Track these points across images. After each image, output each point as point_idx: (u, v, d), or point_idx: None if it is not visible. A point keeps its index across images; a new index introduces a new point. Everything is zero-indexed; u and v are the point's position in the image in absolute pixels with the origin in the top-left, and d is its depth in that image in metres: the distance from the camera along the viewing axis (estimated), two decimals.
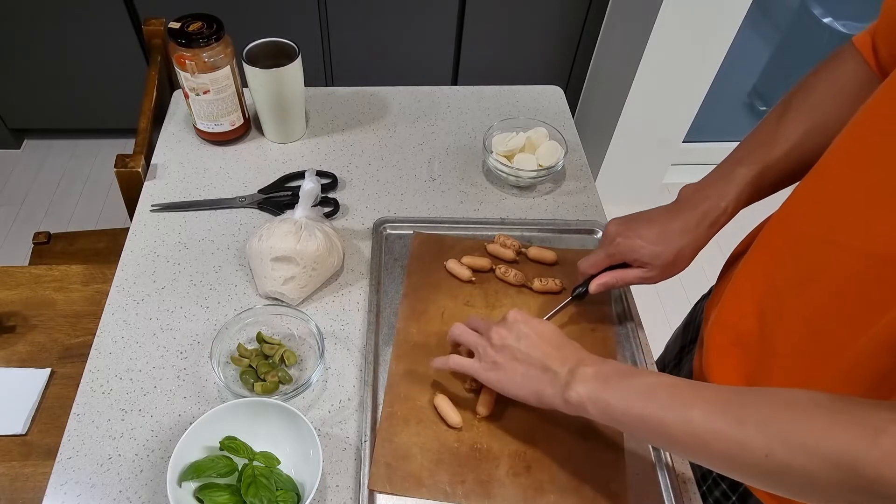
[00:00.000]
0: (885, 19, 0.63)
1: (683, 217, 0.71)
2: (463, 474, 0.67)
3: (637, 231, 0.72)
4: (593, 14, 1.98)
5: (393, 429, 0.70)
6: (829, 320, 0.56)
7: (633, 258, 0.72)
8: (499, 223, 0.92)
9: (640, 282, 0.74)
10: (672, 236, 0.70)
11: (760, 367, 0.64)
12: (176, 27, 0.91)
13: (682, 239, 0.70)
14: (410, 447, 0.69)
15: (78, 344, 1.02)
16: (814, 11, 2.04)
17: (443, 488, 0.66)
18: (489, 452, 0.69)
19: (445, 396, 0.72)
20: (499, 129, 1.00)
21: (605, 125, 2.05)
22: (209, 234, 0.90)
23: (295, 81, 0.97)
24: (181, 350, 0.78)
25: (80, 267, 1.13)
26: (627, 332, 0.81)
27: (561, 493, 0.66)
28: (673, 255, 0.70)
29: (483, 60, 2.09)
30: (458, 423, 0.70)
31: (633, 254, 0.72)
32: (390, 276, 0.85)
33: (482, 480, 0.67)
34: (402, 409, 0.72)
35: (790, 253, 0.61)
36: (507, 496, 0.66)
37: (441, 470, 0.67)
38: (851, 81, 0.67)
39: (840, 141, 0.58)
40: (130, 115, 1.17)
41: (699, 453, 0.51)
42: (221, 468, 0.64)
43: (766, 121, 0.73)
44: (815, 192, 0.60)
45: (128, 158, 0.95)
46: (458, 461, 0.68)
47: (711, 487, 0.73)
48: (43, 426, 0.94)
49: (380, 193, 0.97)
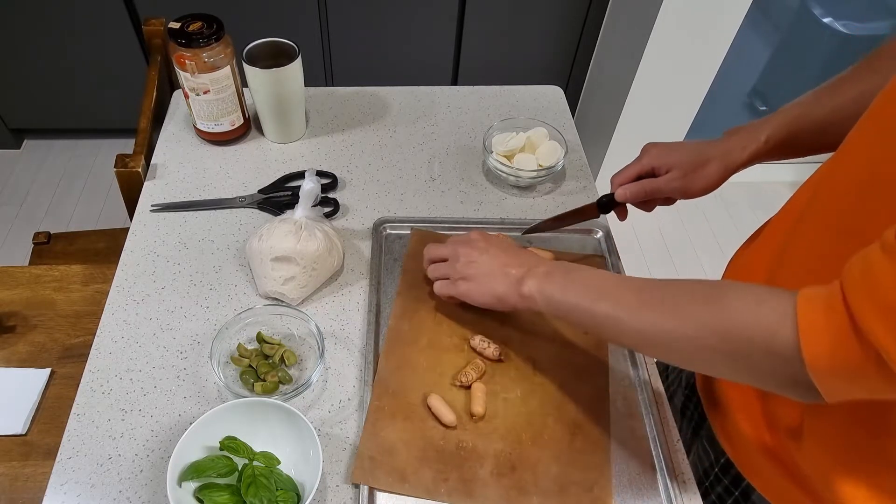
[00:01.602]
0: None
1: (719, 141, 0.73)
2: (447, 472, 0.67)
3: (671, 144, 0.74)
4: (593, 14, 1.98)
5: (379, 423, 0.70)
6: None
7: (660, 163, 0.74)
8: (499, 223, 0.92)
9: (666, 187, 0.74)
10: (703, 150, 0.72)
11: None
12: (176, 27, 0.91)
13: (713, 154, 0.71)
14: (395, 442, 0.69)
15: (78, 344, 1.02)
16: (814, 11, 2.04)
17: (426, 485, 0.66)
18: (474, 451, 0.69)
19: (438, 395, 0.72)
20: (499, 129, 1.00)
21: (605, 125, 2.05)
22: (209, 234, 0.90)
23: (295, 81, 0.97)
24: (181, 350, 0.78)
25: (80, 267, 1.13)
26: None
27: (544, 495, 0.66)
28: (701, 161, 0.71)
29: (483, 60, 2.09)
30: (452, 421, 0.70)
31: (660, 158, 0.73)
32: (390, 276, 0.85)
33: (466, 479, 0.67)
34: (390, 405, 0.72)
35: (805, 245, 0.59)
36: (490, 496, 0.65)
37: (425, 467, 0.67)
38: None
39: (858, 132, 0.56)
40: (130, 115, 1.17)
41: (618, 335, 0.60)
42: (221, 468, 0.64)
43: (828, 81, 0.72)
44: (831, 183, 0.58)
45: (128, 158, 0.95)
46: (443, 459, 0.68)
47: (714, 483, 0.73)
48: (43, 426, 0.94)
49: (380, 193, 0.97)
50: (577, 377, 0.75)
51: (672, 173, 0.73)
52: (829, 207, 0.57)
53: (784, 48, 2.14)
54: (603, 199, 0.78)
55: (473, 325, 0.79)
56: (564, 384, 0.74)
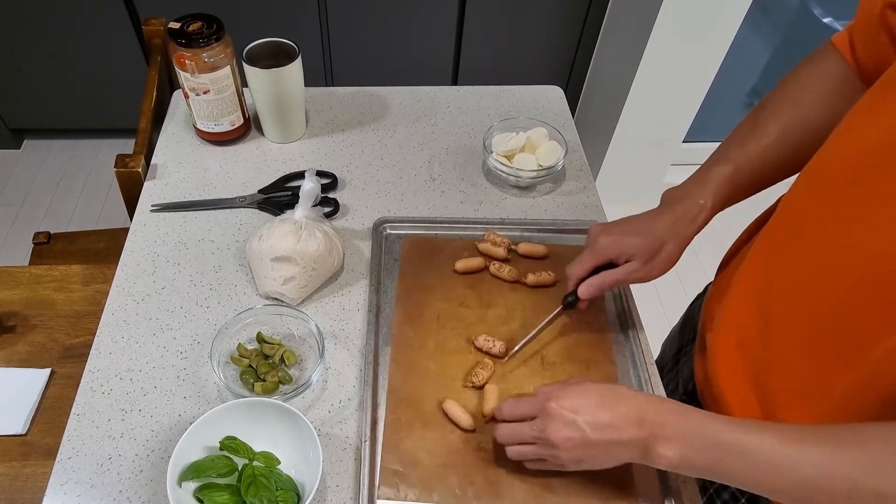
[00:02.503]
0: (861, 19, 0.64)
1: (665, 214, 0.71)
2: (472, 476, 0.67)
3: (619, 229, 0.72)
4: (593, 14, 1.98)
5: (397, 435, 0.70)
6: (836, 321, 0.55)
7: (617, 253, 0.72)
8: (498, 223, 0.92)
9: (627, 279, 0.73)
10: (655, 230, 0.70)
11: (767, 367, 0.64)
12: (176, 27, 0.91)
13: (665, 234, 0.70)
14: (417, 452, 0.69)
15: (78, 344, 1.02)
16: (814, 11, 2.04)
17: (453, 491, 0.66)
18: (496, 452, 0.69)
19: (454, 400, 0.72)
20: (499, 129, 1.00)
21: (605, 125, 2.05)
22: (209, 234, 0.90)
23: (295, 81, 0.97)
24: (181, 350, 0.78)
25: (80, 267, 1.13)
26: (627, 335, 0.81)
27: (569, 489, 0.66)
28: (657, 246, 0.70)
29: (483, 60, 2.08)
30: (470, 425, 0.70)
31: (617, 247, 0.71)
32: (390, 276, 0.85)
33: (491, 481, 0.67)
34: (406, 415, 0.72)
35: (790, 254, 0.61)
36: (517, 495, 0.66)
37: (450, 473, 0.67)
38: (831, 77, 0.67)
39: (836, 140, 0.58)
40: (130, 115, 1.17)
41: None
42: (221, 468, 0.64)
43: (744, 120, 0.73)
44: (812, 192, 0.60)
45: (128, 158, 0.95)
46: (466, 463, 0.68)
47: (720, 489, 0.73)
48: (43, 426, 0.94)
49: (380, 193, 0.97)
50: (585, 369, 0.77)
51: (632, 264, 0.71)
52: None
53: (784, 48, 2.14)
54: (568, 297, 0.76)
55: (476, 325, 0.80)
56: (574, 377, 0.74)
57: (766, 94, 0.72)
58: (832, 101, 0.66)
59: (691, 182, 0.72)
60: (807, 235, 0.59)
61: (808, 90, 0.69)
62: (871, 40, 0.62)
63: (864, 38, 0.64)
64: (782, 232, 0.64)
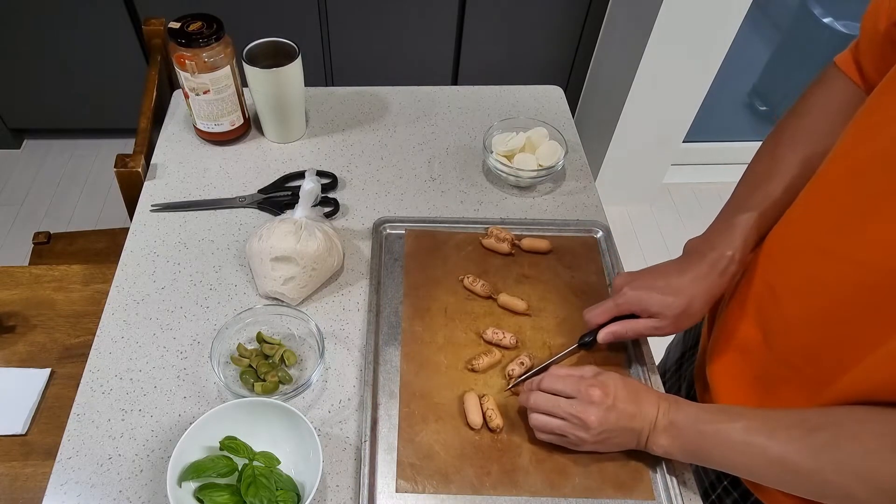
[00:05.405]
0: (865, 36, 0.63)
1: (692, 268, 0.69)
2: (488, 466, 0.68)
3: (645, 282, 0.70)
4: (593, 14, 1.98)
5: (412, 428, 0.71)
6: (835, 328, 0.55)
7: (641, 308, 0.70)
8: (499, 223, 0.92)
9: (651, 333, 0.71)
10: (682, 286, 0.68)
11: (766, 373, 0.64)
12: (176, 27, 0.91)
13: (692, 288, 0.68)
14: (432, 445, 0.70)
15: (78, 344, 1.02)
16: (814, 11, 2.04)
17: (470, 482, 0.67)
18: (510, 442, 0.70)
19: (475, 394, 0.73)
20: (499, 129, 1.00)
21: (605, 125, 2.05)
22: (209, 234, 0.90)
23: (295, 81, 0.97)
24: (181, 350, 0.78)
25: (80, 267, 1.13)
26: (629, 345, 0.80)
27: (585, 473, 0.67)
28: (684, 305, 0.68)
29: (483, 60, 2.08)
30: (477, 425, 0.70)
31: (641, 303, 0.69)
32: (390, 275, 0.85)
33: (507, 470, 0.68)
34: (420, 408, 0.72)
35: (789, 263, 0.61)
36: (533, 483, 0.67)
37: (466, 464, 0.68)
38: (841, 102, 0.66)
39: (835, 153, 0.58)
40: (130, 115, 1.17)
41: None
42: (221, 468, 0.64)
43: (760, 155, 0.71)
44: (811, 203, 0.61)
45: (128, 158, 0.95)
46: (482, 453, 0.69)
47: (722, 496, 0.73)
48: (43, 426, 0.94)
49: (380, 193, 0.97)
50: (591, 355, 0.78)
51: (657, 321, 0.69)
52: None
53: (784, 48, 2.14)
54: (586, 338, 0.76)
55: (484, 317, 0.81)
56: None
57: (777, 127, 0.71)
58: (845, 126, 0.65)
59: (716, 230, 0.70)
60: (807, 245, 0.59)
61: (823, 120, 0.67)
62: (880, 57, 0.61)
63: (873, 57, 0.63)
64: (783, 241, 0.64)
